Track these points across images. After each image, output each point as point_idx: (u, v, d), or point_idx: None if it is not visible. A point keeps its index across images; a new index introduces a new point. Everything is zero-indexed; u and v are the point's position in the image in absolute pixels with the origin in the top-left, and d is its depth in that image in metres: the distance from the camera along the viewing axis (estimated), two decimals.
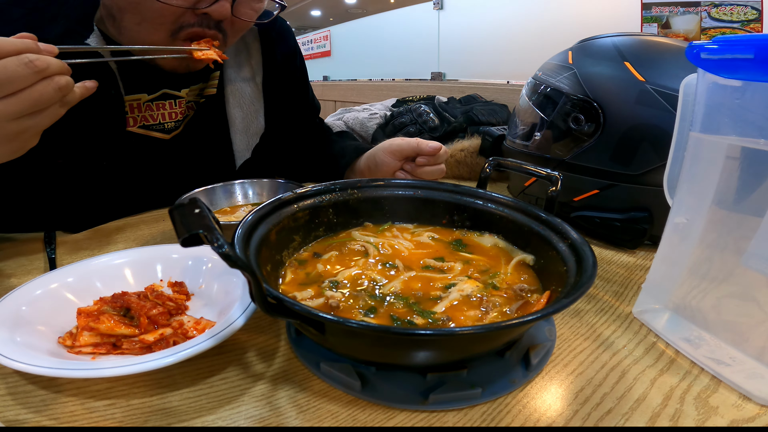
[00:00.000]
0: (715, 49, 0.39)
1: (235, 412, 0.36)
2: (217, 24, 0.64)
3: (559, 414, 0.37)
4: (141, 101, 0.72)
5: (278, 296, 0.34)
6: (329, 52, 3.73)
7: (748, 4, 1.31)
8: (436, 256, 0.52)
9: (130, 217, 0.77)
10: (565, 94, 0.70)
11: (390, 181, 0.60)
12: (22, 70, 0.43)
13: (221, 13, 0.62)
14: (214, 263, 0.52)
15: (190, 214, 0.32)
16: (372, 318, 0.42)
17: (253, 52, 0.84)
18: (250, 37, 0.83)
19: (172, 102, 0.75)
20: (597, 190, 0.67)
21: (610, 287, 0.57)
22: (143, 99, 0.72)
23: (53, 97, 0.46)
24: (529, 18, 1.92)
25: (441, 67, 2.46)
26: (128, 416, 0.36)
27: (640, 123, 0.63)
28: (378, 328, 0.35)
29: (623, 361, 0.43)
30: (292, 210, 0.52)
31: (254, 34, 0.83)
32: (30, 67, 0.43)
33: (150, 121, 0.74)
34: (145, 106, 0.73)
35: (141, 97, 0.71)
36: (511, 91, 1.76)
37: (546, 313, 0.34)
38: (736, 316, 0.44)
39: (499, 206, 0.55)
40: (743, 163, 0.40)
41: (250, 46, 0.84)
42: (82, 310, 0.43)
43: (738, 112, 0.40)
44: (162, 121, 0.75)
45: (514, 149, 0.80)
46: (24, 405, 0.36)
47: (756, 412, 0.37)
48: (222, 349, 0.43)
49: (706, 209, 0.43)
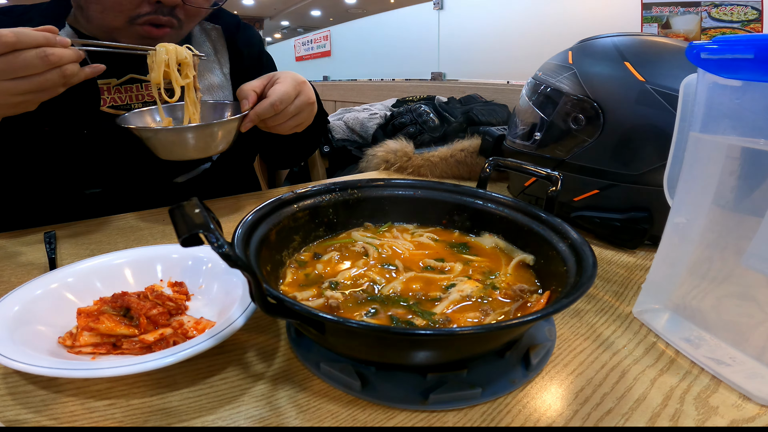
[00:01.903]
0: (715, 49, 0.39)
1: (235, 412, 0.36)
2: (171, 11, 0.72)
3: (559, 414, 0.37)
4: (111, 84, 0.79)
5: (278, 296, 0.34)
6: (329, 52, 3.73)
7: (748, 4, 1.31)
8: (436, 257, 0.52)
9: (131, 218, 0.77)
10: (565, 94, 0.70)
11: (390, 180, 0.60)
12: (38, 61, 0.52)
13: (172, 1, 0.70)
14: (214, 263, 0.52)
15: (190, 214, 0.32)
16: (372, 318, 0.42)
17: (219, 48, 0.90)
18: (215, 34, 0.90)
19: (138, 86, 0.81)
20: (597, 190, 0.67)
21: (610, 287, 0.57)
22: (113, 83, 0.79)
23: (57, 83, 0.55)
24: (529, 18, 1.93)
25: (441, 67, 2.46)
26: (128, 416, 0.36)
27: (640, 123, 0.63)
28: (378, 328, 0.35)
29: (623, 361, 0.43)
30: (292, 210, 0.52)
31: (219, 32, 0.91)
32: (44, 60, 0.52)
33: (119, 102, 0.80)
34: (115, 89, 0.80)
35: (111, 81, 0.79)
36: (511, 91, 1.76)
37: (546, 313, 0.34)
38: (736, 316, 0.44)
39: (499, 206, 0.55)
40: (743, 163, 0.40)
41: (216, 43, 0.90)
42: (82, 310, 0.43)
43: (738, 112, 0.40)
44: (129, 103, 0.81)
45: (514, 149, 0.80)
46: (24, 405, 0.36)
47: (756, 412, 0.37)
48: (222, 349, 0.43)
49: (706, 209, 0.43)
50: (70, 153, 0.76)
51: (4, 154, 0.72)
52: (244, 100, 0.70)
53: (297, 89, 0.73)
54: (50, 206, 0.79)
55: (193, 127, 0.68)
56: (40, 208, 0.79)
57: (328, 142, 1.71)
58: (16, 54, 0.51)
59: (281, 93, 0.70)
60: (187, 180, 0.88)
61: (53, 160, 0.76)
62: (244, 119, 0.70)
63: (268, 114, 0.70)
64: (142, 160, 0.82)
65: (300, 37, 4.25)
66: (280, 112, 0.71)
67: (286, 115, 0.72)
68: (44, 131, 0.73)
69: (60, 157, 0.76)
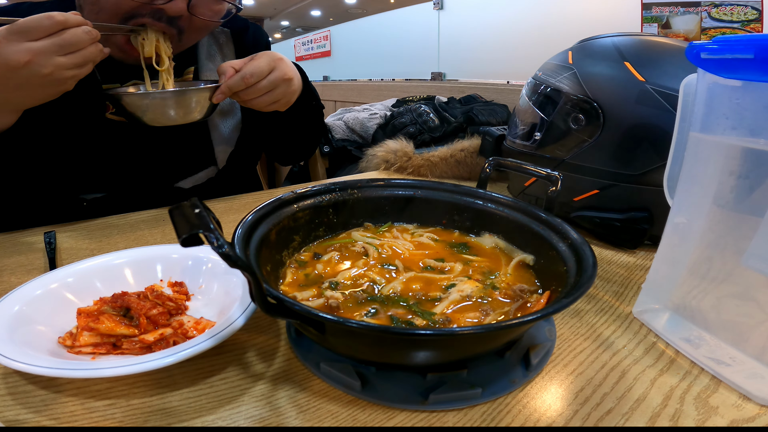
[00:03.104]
0: (715, 49, 0.39)
1: (235, 412, 0.36)
2: (171, 20, 0.70)
3: (559, 414, 0.37)
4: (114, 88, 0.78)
5: (278, 296, 0.34)
6: (329, 52, 3.73)
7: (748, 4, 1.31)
8: (436, 257, 0.52)
9: (131, 218, 0.77)
10: (565, 94, 0.70)
11: (390, 180, 0.60)
12: (85, 36, 0.59)
13: (174, 10, 0.68)
14: (214, 263, 0.52)
15: (189, 214, 0.32)
16: (372, 318, 0.42)
17: (227, 53, 0.90)
18: (223, 38, 0.90)
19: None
20: (597, 190, 0.67)
21: (610, 287, 0.57)
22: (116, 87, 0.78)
23: (97, 56, 0.61)
24: (529, 18, 1.92)
25: (441, 67, 2.46)
26: (128, 416, 0.36)
27: (640, 123, 0.63)
28: (378, 328, 0.35)
29: (623, 361, 0.43)
30: (292, 210, 0.52)
31: (228, 36, 0.90)
32: (89, 35, 0.59)
33: None
34: None
35: (114, 87, 0.78)
36: (511, 91, 1.76)
37: (546, 313, 0.34)
38: (736, 316, 0.44)
39: (499, 206, 0.55)
40: (743, 163, 0.40)
41: (225, 47, 0.90)
42: (82, 310, 0.43)
43: (738, 112, 0.40)
44: None
45: (514, 149, 0.80)
46: (24, 405, 0.36)
47: (756, 412, 0.37)
48: (222, 349, 0.43)
49: (706, 209, 0.43)
50: (73, 159, 0.76)
51: (7, 159, 0.72)
52: (222, 75, 0.72)
53: (271, 65, 0.74)
54: (52, 211, 0.78)
55: (167, 92, 0.72)
56: (42, 212, 0.79)
57: (328, 142, 1.70)
58: (69, 30, 0.57)
59: (253, 67, 0.72)
60: (192, 186, 0.88)
61: (57, 166, 0.76)
62: (216, 90, 0.72)
63: (238, 86, 0.72)
64: (144, 164, 0.82)
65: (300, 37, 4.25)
66: (252, 86, 0.72)
67: (258, 90, 0.73)
68: (46, 136, 0.73)
69: (63, 163, 0.76)
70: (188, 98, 0.72)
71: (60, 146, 0.74)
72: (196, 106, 0.73)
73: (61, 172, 0.77)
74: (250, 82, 0.72)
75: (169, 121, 0.72)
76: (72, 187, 0.79)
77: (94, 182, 0.80)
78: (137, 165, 0.82)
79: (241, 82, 0.71)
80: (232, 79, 0.71)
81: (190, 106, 0.72)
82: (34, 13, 0.75)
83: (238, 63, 0.73)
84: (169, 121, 0.72)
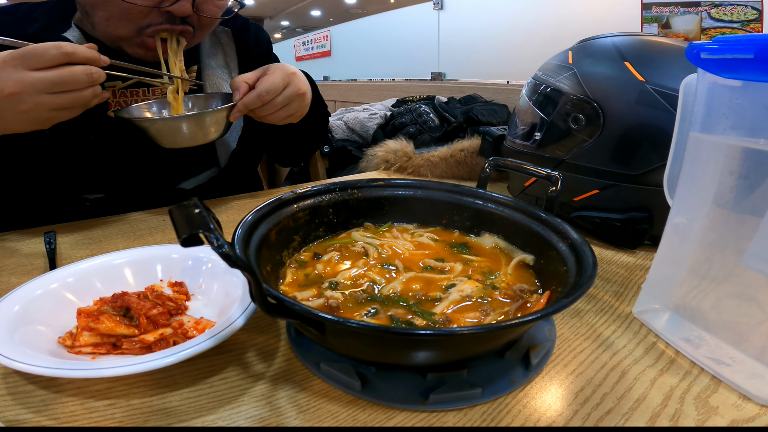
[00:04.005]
0: (715, 49, 0.39)
1: (235, 412, 0.36)
2: (183, 20, 0.70)
3: (559, 414, 0.37)
4: (116, 88, 0.78)
5: (278, 296, 0.34)
6: (329, 52, 3.73)
7: (748, 4, 1.31)
8: (435, 257, 0.52)
9: (131, 218, 0.77)
10: (565, 94, 0.70)
11: (390, 180, 0.60)
12: (83, 77, 0.55)
13: (182, 11, 0.68)
14: (214, 263, 0.52)
15: (189, 214, 0.32)
16: (372, 318, 0.42)
17: (229, 51, 0.90)
18: (225, 38, 0.90)
19: (145, 90, 0.80)
20: (597, 190, 0.67)
21: (610, 287, 0.57)
22: (118, 86, 0.78)
23: (90, 101, 0.58)
24: (529, 18, 1.92)
25: (441, 67, 2.46)
26: (128, 416, 0.36)
27: (640, 123, 0.63)
28: (378, 328, 0.35)
29: (623, 361, 0.43)
30: (292, 210, 0.52)
31: (229, 35, 0.90)
32: (89, 77, 0.56)
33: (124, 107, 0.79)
34: (120, 93, 0.79)
35: (116, 84, 0.77)
36: (511, 91, 1.77)
37: (546, 313, 0.34)
38: (736, 316, 0.44)
39: (499, 206, 0.55)
40: (743, 163, 0.40)
41: (226, 47, 0.90)
42: (82, 310, 0.43)
43: (738, 112, 0.40)
44: None
45: (514, 149, 0.80)
46: (24, 405, 0.36)
47: (756, 412, 0.37)
48: (222, 349, 0.43)
49: (706, 209, 0.43)
50: (74, 158, 0.76)
51: (7, 159, 0.72)
52: (236, 92, 0.72)
53: (286, 80, 0.73)
54: (53, 211, 0.78)
55: (185, 116, 0.71)
56: (42, 212, 0.79)
57: (328, 142, 1.71)
58: (67, 67, 0.54)
59: (269, 84, 0.71)
60: (194, 187, 0.88)
61: (57, 165, 0.75)
62: (233, 109, 0.72)
63: (255, 104, 0.71)
64: (147, 165, 0.82)
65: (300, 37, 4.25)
66: (268, 103, 0.72)
67: (274, 106, 0.73)
68: (46, 135, 0.73)
69: (64, 162, 0.76)
70: (206, 120, 0.71)
71: (62, 146, 0.74)
72: (214, 126, 0.73)
73: (63, 171, 0.76)
74: (266, 99, 0.71)
75: (187, 144, 0.71)
76: (74, 187, 0.79)
77: (96, 182, 0.80)
78: (140, 166, 0.82)
79: (257, 100, 0.71)
80: (248, 97, 0.71)
81: (208, 128, 0.72)
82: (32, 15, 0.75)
83: (251, 77, 0.73)
84: (188, 143, 0.71)
